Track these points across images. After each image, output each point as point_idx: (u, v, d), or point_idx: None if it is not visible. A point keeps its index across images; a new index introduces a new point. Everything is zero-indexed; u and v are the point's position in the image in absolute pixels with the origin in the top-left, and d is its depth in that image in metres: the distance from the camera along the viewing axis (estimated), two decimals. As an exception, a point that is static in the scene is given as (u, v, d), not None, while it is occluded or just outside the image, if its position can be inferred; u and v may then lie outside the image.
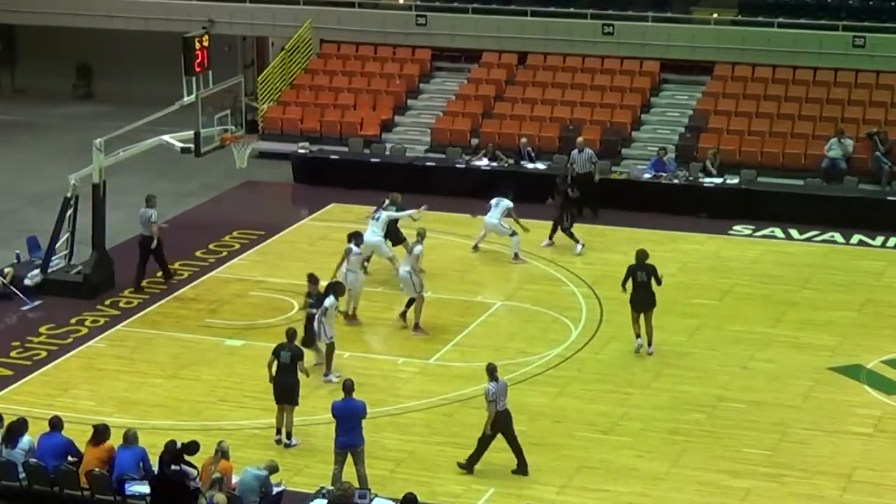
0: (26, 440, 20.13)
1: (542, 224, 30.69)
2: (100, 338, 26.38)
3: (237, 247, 31.09)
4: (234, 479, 19.26)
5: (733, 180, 33.51)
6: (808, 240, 31.44)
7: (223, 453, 19.27)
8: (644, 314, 25.25)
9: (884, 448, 22.05)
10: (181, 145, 28.43)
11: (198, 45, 28.27)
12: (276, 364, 22.18)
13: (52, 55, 43.92)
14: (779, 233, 31.77)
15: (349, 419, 20.41)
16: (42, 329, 26.77)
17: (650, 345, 25.33)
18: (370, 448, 20.89)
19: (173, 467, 19.11)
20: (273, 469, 19.34)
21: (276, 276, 28.86)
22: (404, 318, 26.56)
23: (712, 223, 32.27)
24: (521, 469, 21.15)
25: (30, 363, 25.29)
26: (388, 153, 36.25)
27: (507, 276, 29.47)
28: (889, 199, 32.80)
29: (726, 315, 27.19)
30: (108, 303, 27.95)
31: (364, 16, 40.38)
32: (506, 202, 30.04)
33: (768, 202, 32.85)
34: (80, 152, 31.73)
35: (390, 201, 28.84)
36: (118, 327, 26.88)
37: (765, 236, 31.69)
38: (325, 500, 19.10)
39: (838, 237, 31.47)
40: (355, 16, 40.36)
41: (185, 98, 28.34)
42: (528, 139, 35.25)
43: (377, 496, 19.35)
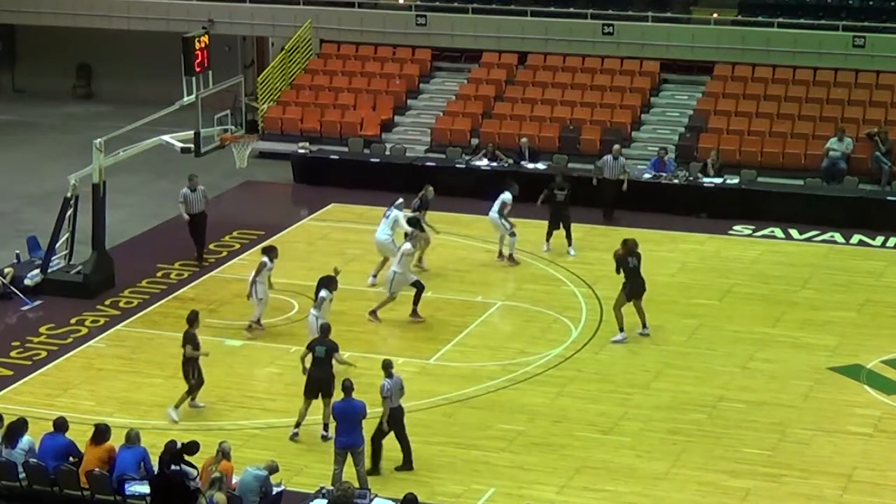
0: (26, 440, 20.11)
1: (542, 224, 30.65)
2: (100, 338, 26.36)
3: (237, 247, 31.08)
4: (234, 480, 19.26)
5: (733, 180, 33.47)
6: (807, 240, 31.43)
7: (225, 454, 19.25)
8: (635, 300, 25.56)
9: (884, 448, 22.03)
10: (181, 145, 28.41)
11: (198, 45, 28.24)
12: (310, 357, 22.24)
13: (52, 55, 43.90)
14: (779, 233, 31.76)
15: (349, 419, 20.41)
16: (42, 329, 26.75)
17: (645, 326, 25.66)
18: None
19: (173, 467, 19.11)
20: (273, 469, 19.33)
21: (276, 276, 28.77)
22: (416, 314, 26.65)
23: (712, 223, 32.25)
24: (406, 465, 21.14)
25: (30, 363, 25.27)
26: (388, 153, 36.22)
27: (507, 276, 29.45)
28: (889, 199, 32.77)
29: (726, 315, 27.18)
30: (107, 303, 27.94)
31: (364, 16, 40.36)
32: (504, 196, 29.71)
33: (768, 202, 32.82)
34: (80, 152, 31.73)
35: (424, 193, 29.39)
36: (118, 327, 26.86)
37: (765, 236, 31.68)
38: (325, 500, 19.08)
39: (838, 237, 31.45)
40: (355, 16, 40.34)
41: (185, 98, 28.33)
42: (528, 139, 35.24)
43: (377, 496, 19.36)
